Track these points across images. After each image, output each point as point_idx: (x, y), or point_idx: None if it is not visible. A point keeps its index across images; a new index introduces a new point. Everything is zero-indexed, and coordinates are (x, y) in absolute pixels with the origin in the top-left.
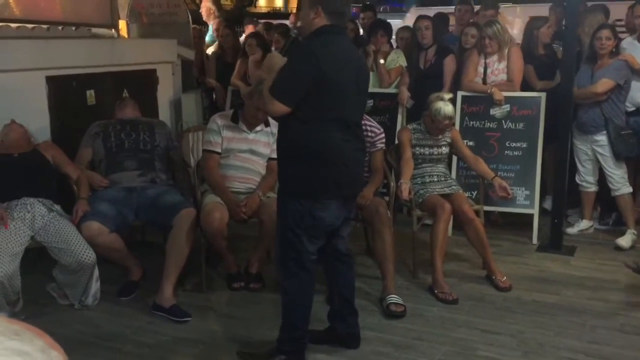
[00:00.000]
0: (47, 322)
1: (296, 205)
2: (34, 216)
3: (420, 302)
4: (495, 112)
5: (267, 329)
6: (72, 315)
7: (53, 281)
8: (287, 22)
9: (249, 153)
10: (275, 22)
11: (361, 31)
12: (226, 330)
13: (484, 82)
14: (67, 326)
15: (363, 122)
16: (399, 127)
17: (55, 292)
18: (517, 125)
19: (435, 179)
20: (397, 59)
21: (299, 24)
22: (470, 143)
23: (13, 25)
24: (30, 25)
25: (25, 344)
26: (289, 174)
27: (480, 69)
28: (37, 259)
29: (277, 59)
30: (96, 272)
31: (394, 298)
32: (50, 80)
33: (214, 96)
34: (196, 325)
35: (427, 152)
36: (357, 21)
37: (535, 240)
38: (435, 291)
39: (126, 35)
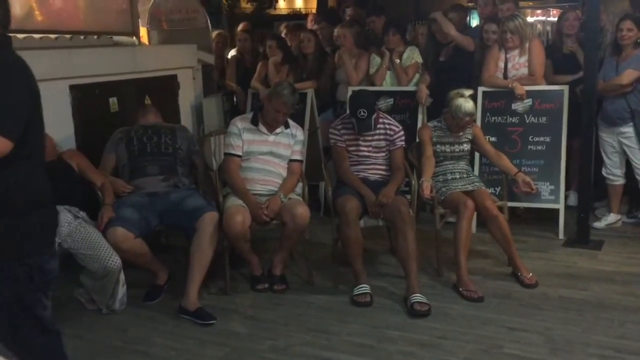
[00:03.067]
0: (76, 327)
1: (19, 268)
2: (61, 223)
3: (445, 301)
4: (517, 106)
5: (291, 330)
6: (100, 320)
7: (81, 287)
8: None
9: (270, 155)
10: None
11: None
12: (251, 332)
13: (505, 77)
14: (95, 331)
15: (381, 120)
16: (419, 124)
17: (83, 298)
18: (540, 119)
19: (458, 176)
20: (413, 56)
21: None
22: (492, 139)
23: (36, 36)
24: (53, 36)
25: None
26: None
27: (501, 64)
28: (65, 265)
29: None
30: (122, 277)
31: (418, 297)
32: (73, 89)
33: (235, 100)
34: (221, 328)
35: (448, 150)
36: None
37: (561, 235)
38: (460, 289)
39: (147, 42)
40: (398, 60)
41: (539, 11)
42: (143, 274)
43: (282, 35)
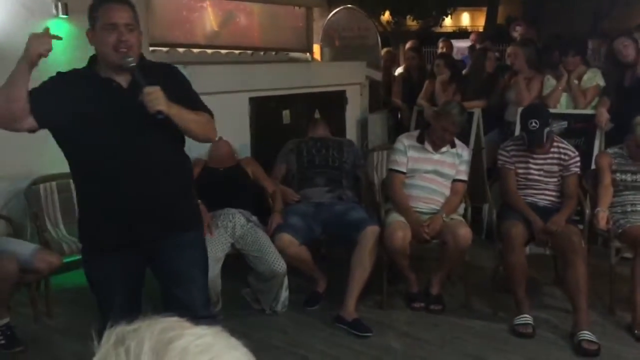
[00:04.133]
0: (241, 323)
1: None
2: (235, 225)
3: (617, 342)
4: None
5: (447, 353)
6: (263, 319)
7: (248, 287)
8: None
9: (434, 174)
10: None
11: None
12: (406, 349)
13: None
14: (258, 329)
15: (555, 144)
16: (596, 151)
17: (249, 297)
18: None
19: (639, 209)
20: (594, 78)
21: (134, 48)
22: None
23: (223, 51)
24: (237, 51)
25: None
26: (196, 206)
27: None
28: (236, 265)
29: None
30: (286, 281)
31: (586, 335)
32: (252, 101)
33: (399, 116)
34: (376, 342)
35: (629, 179)
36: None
37: None
38: (636, 332)
39: (319, 59)
40: (577, 82)
41: None
42: (304, 281)
43: (440, 50)
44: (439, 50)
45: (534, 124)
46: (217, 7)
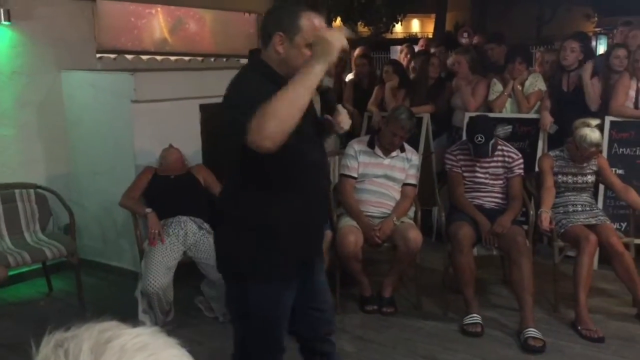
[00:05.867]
0: (194, 332)
1: None
2: (187, 233)
3: (561, 338)
4: None
5: (399, 354)
6: (216, 328)
7: (201, 295)
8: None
9: (384, 178)
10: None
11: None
12: (359, 352)
13: (636, 106)
14: (211, 337)
15: (500, 147)
16: (539, 153)
17: (202, 305)
18: None
19: (580, 209)
20: (536, 83)
21: None
22: (620, 171)
23: (172, 58)
24: (187, 58)
25: None
26: None
27: (632, 93)
28: (188, 273)
29: None
30: None
31: (532, 332)
32: (203, 108)
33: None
34: None
35: (570, 181)
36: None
37: None
38: (579, 327)
39: None
40: (520, 87)
41: None
42: None
43: (401, 55)
44: (401, 56)
45: (479, 139)
46: (166, 13)
